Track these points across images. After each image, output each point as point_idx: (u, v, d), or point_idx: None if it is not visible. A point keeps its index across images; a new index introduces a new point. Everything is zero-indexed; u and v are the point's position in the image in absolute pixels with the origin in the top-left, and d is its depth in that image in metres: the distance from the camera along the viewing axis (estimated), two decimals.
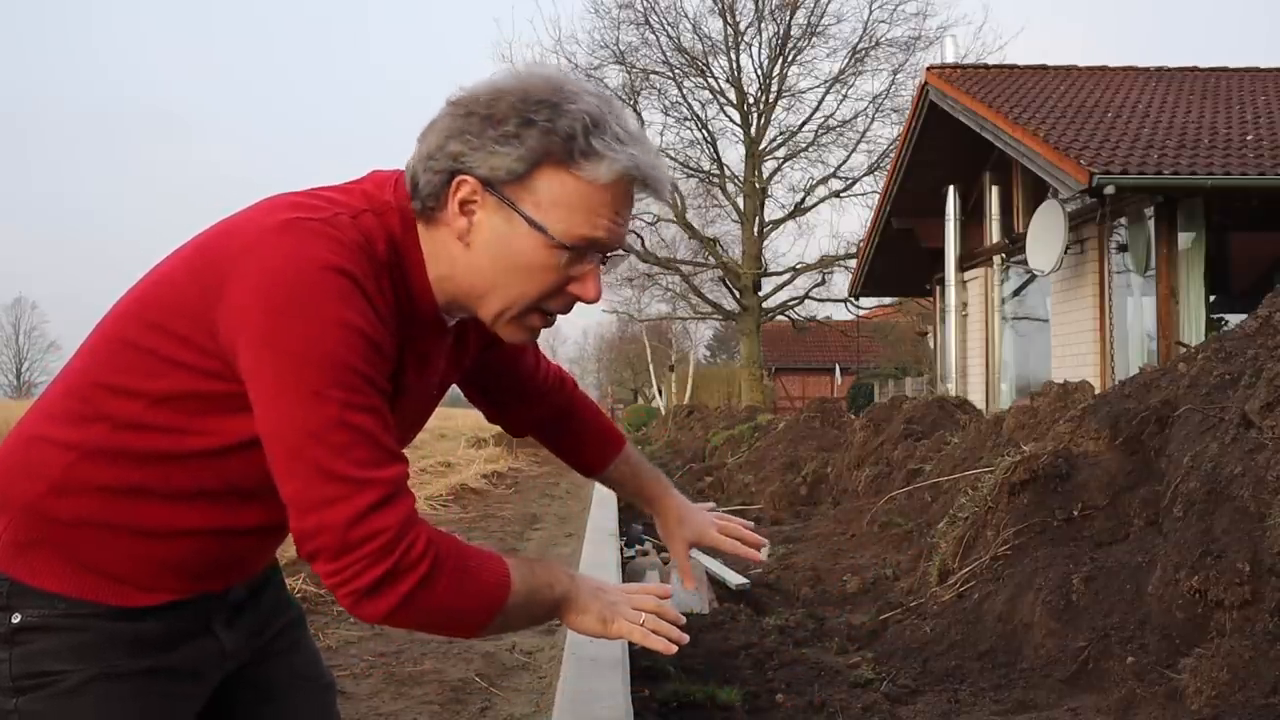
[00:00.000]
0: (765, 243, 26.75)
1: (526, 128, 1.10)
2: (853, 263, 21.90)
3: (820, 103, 25.57)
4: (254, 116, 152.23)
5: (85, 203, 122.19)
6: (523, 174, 1.11)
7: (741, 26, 24.95)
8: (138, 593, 1.16)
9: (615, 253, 1.18)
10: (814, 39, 25.07)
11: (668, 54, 25.02)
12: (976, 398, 12.40)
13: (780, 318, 29.29)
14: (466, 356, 1.38)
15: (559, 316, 1.23)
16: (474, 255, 1.15)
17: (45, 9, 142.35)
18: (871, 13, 24.52)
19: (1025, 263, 11.89)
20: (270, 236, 1.08)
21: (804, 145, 26.03)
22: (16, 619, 1.12)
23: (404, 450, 1.16)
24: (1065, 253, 10.93)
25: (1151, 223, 10.20)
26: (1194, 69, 14.69)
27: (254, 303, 1.05)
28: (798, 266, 26.92)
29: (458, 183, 1.13)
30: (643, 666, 3.50)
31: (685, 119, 25.76)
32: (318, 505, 1.04)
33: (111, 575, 1.14)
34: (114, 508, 1.13)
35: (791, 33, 24.93)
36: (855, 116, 25.49)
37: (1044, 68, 14.69)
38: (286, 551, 1.83)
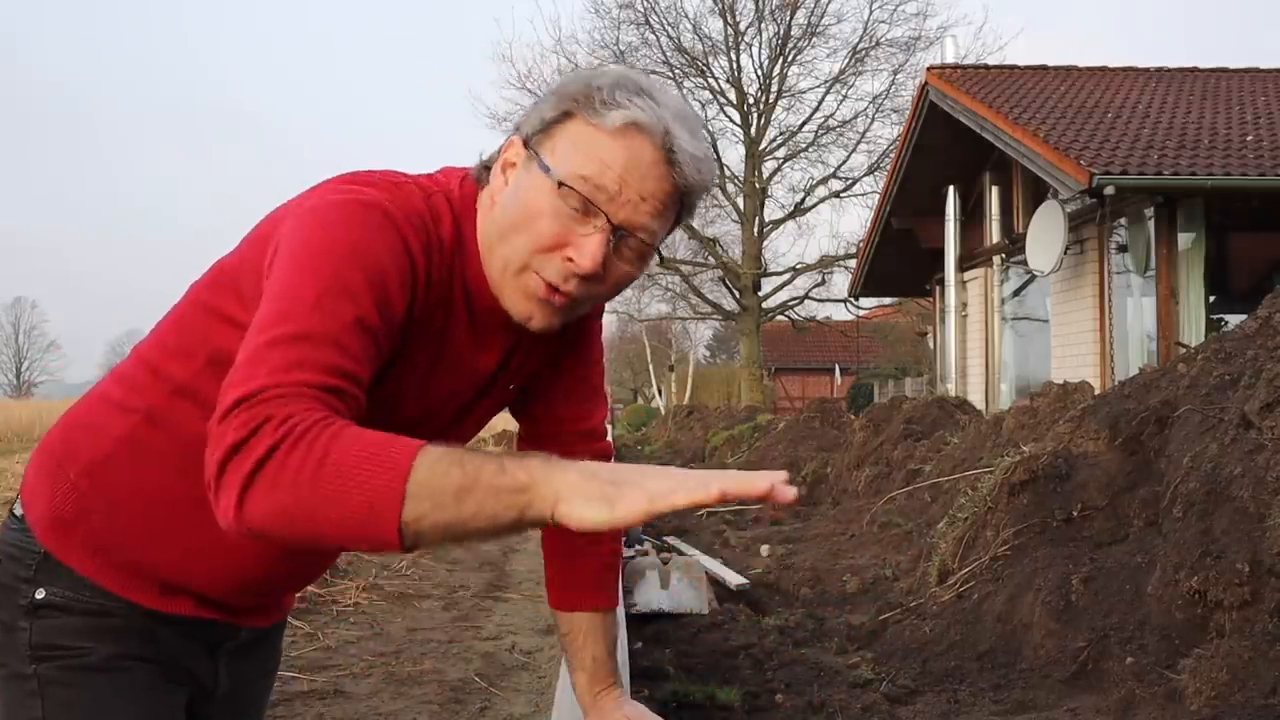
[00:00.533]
0: (765, 243, 26.73)
1: (568, 85, 1.13)
2: (853, 263, 21.87)
3: (820, 103, 25.53)
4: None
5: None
6: (550, 122, 1.11)
7: (741, 27, 24.92)
8: (161, 597, 1.17)
9: (632, 233, 1.10)
10: (814, 39, 25.04)
11: (668, 54, 24.99)
12: (976, 398, 12.40)
13: (780, 318, 29.25)
14: (525, 368, 1.30)
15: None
16: (496, 210, 1.14)
17: (43, 7, 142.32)
18: (871, 13, 24.48)
19: (1025, 263, 11.88)
20: (325, 189, 1.10)
21: (804, 145, 25.99)
22: (40, 594, 1.14)
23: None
24: (1065, 253, 10.92)
25: (1151, 223, 10.19)
26: (1194, 69, 14.67)
27: (289, 227, 1.05)
28: (798, 266, 26.89)
29: (507, 143, 1.16)
30: (642, 666, 3.50)
31: None
32: (244, 377, 0.93)
33: (140, 571, 1.15)
34: (162, 484, 1.13)
35: (791, 33, 24.90)
36: (855, 117, 25.45)
37: (1044, 68, 14.68)
38: None
